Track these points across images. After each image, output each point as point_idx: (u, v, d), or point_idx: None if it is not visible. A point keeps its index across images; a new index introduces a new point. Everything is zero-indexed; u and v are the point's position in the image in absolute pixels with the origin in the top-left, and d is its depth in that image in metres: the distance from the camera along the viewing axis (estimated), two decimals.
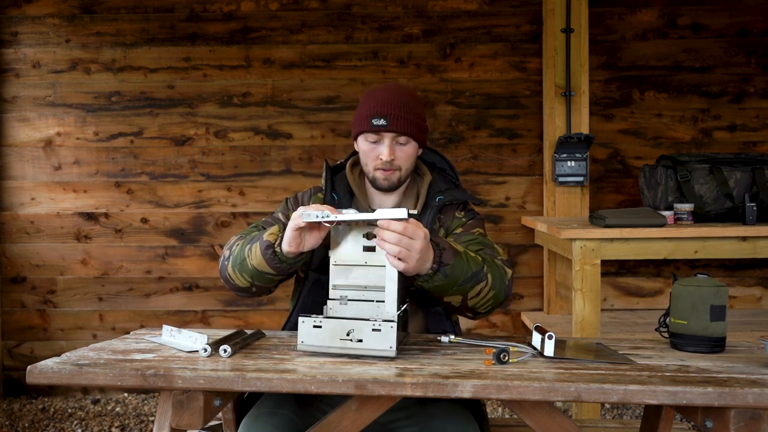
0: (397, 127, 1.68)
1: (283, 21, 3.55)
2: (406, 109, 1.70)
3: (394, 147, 1.71)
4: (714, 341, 1.50)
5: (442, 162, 1.89)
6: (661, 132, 3.53)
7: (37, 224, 3.59)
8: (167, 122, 3.57)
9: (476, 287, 1.56)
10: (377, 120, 1.68)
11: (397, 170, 1.72)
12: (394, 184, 1.74)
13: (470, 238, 1.72)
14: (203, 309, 3.59)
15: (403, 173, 1.74)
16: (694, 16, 3.52)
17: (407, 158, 1.73)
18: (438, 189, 1.80)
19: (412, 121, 1.69)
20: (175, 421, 1.32)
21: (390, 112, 1.68)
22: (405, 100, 1.71)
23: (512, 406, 1.37)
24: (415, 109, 1.72)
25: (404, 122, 1.68)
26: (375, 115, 1.68)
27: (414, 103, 1.73)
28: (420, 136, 1.73)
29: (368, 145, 1.73)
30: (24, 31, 3.58)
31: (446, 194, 1.79)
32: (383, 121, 1.68)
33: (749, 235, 2.72)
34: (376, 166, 1.72)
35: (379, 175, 1.72)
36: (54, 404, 3.46)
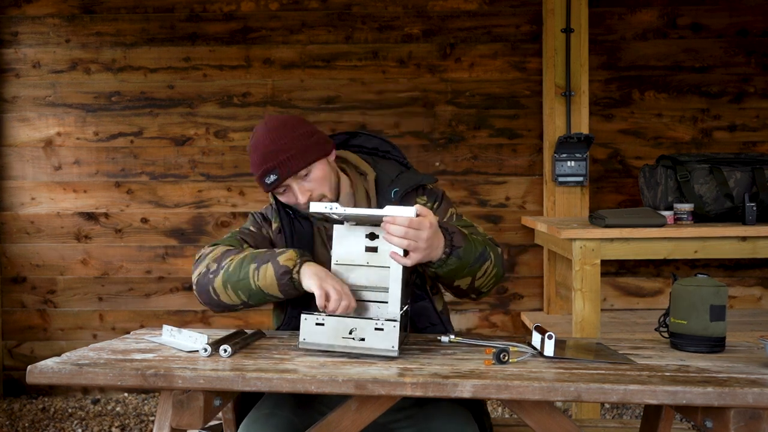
0: (287, 172, 1.61)
1: (283, 21, 3.55)
2: (282, 148, 1.61)
3: (302, 184, 1.63)
4: (714, 341, 1.50)
5: (384, 144, 1.81)
6: (661, 132, 3.53)
7: (37, 224, 3.59)
8: (167, 122, 3.57)
9: (483, 266, 1.56)
10: (270, 177, 1.62)
11: (322, 198, 1.65)
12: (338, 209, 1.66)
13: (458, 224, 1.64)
14: (203, 309, 3.59)
15: (330, 193, 1.66)
16: (694, 16, 3.52)
17: (321, 181, 1.64)
18: (389, 179, 1.72)
19: (296, 154, 1.61)
20: (175, 420, 1.32)
21: (271, 163, 1.61)
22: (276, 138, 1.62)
23: (512, 406, 1.37)
24: (292, 137, 1.63)
25: (290, 163, 1.61)
26: (265, 174, 1.62)
27: (286, 131, 1.63)
28: (315, 155, 1.63)
29: (283, 197, 1.68)
30: (24, 31, 3.58)
31: (399, 183, 1.71)
32: (274, 176, 1.62)
33: (749, 235, 2.72)
34: (304, 209, 1.65)
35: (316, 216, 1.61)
36: (54, 404, 3.46)
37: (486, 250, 1.57)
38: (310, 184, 1.64)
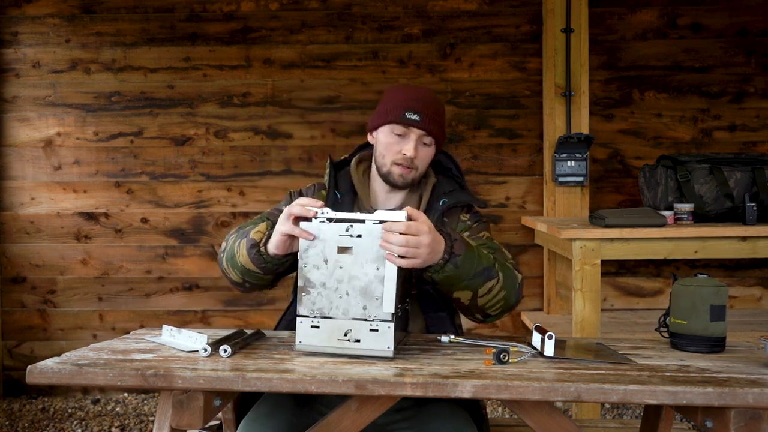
0: (428, 126, 1.66)
1: (283, 21, 3.55)
2: (437, 112, 1.69)
3: (419, 145, 1.68)
4: (714, 341, 1.50)
5: (448, 161, 1.85)
6: (661, 132, 3.53)
7: (37, 224, 3.59)
8: (167, 122, 3.57)
9: (487, 284, 1.53)
10: (411, 114, 1.65)
11: (414, 169, 1.69)
12: (408, 182, 1.71)
13: (479, 243, 1.66)
14: (203, 309, 3.59)
15: (419, 174, 1.72)
16: (694, 16, 3.52)
17: (425, 159, 1.71)
18: (442, 191, 1.77)
19: (440, 125, 1.69)
20: (175, 421, 1.32)
21: (424, 110, 1.66)
22: (436, 103, 1.71)
23: (512, 406, 1.37)
24: (443, 115, 1.73)
25: (435, 123, 1.67)
26: (409, 109, 1.66)
27: (442, 108, 1.74)
28: (441, 142, 1.73)
29: (392, 137, 1.69)
30: (24, 31, 3.58)
31: (451, 196, 1.75)
32: (416, 117, 1.65)
33: (749, 235, 2.72)
34: (396, 161, 1.69)
35: (396, 170, 1.69)
36: (54, 404, 3.46)
37: (494, 269, 1.54)
38: (423, 152, 1.69)
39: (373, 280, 1.40)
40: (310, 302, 1.42)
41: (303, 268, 1.42)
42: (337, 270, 1.41)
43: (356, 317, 1.41)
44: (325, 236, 1.42)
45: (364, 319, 1.40)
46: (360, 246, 1.40)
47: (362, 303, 1.40)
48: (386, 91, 1.78)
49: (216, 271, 3.56)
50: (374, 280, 1.40)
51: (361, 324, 1.39)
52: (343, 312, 1.41)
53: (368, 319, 1.40)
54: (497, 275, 1.54)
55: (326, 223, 1.43)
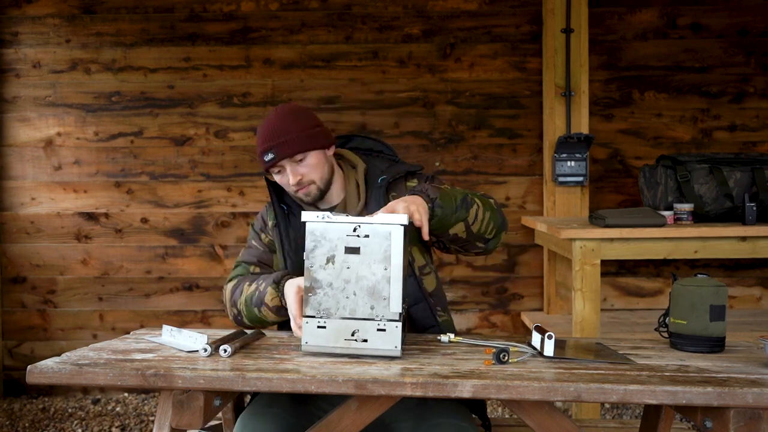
0: (282, 153, 1.73)
1: (283, 21, 3.55)
2: (283, 132, 1.74)
3: (295, 168, 1.75)
4: (714, 341, 1.50)
5: (378, 145, 1.94)
6: (661, 132, 3.53)
7: (37, 224, 3.59)
8: (167, 122, 3.57)
9: (470, 211, 1.65)
10: (266, 156, 1.75)
11: (310, 184, 1.77)
12: (316, 195, 1.79)
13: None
14: (203, 309, 3.59)
15: (320, 181, 1.78)
16: (694, 16, 3.52)
17: (313, 168, 1.76)
18: (378, 171, 1.84)
19: (294, 139, 1.73)
20: (175, 420, 1.32)
21: (271, 144, 1.74)
22: (280, 122, 1.75)
23: (512, 406, 1.37)
24: (294, 124, 1.76)
25: (286, 145, 1.73)
26: (263, 153, 1.75)
27: (292, 119, 1.77)
28: (313, 145, 1.76)
29: (277, 177, 1.80)
30: (24, 31, 3.58)
31: (387, 172, 1.83)
32: (271, 155, 1.74)
33: (749, 235, 2.72)
34: (293, 191, 1.78)
35: (300, 195, 1.79)
36: (54, 404, 3.47)
37: (468, 197, 1.66)
38: (304, 169, 1.76)
39: (380, 279, 1.40)
40: (316, 302, 1.42)
41: (310, 268, 1.42)
42: (344, 270, 1.41)
43: (363, 317, 1.40)
44: (332, 236, 1.42)
45: (371, 319, 1.40)
46: (368, 246, 1.41)
47: (370, 303, 1.40)
48: None
49: (216, 272, 3.57)
50: (381, 280, 1.40)
51: (369, 324, 1.39)
52: (350, 312, 1.41)
53: (375, 319, 1.40)
54: (474, 201, 1.67)
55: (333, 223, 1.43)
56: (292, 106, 1.82)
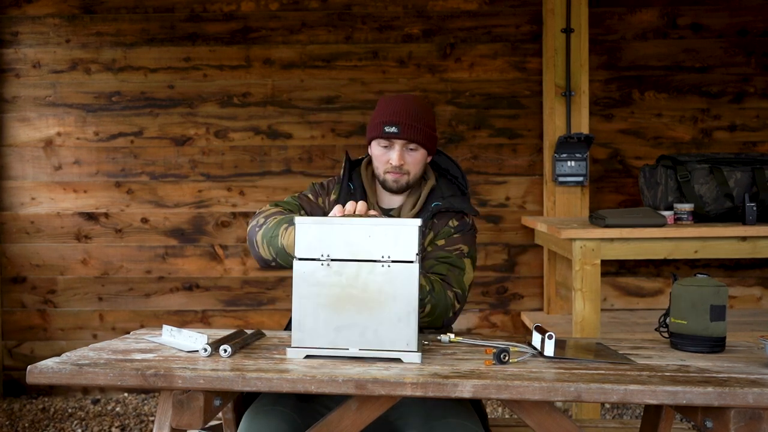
0: (407, 135, 1.79)
1: (283, 21, 3.55)
2: (417, 119, 1.80)
3: (404, 153, 1.82)
4: (714, 341, 1.50)
5: (456, 170, 1.96)
6: (661, 132, 3.53)
7: (37, 224, 3.59)
8: (167, 122, 3.57)
9: None
10: (389, 128, 1.79)
11: (405, 174, 1.83)
12: (403, 186, 1.85)
13: (444, 256, 1.78)
14: (203, 309, 3.59)
15: (412, 177, 1.84)
16: (694, 16, 3.52)
17: (416, 164, 1.83)
18: (440, 195, 1.89)
19: (421, 130, 1.80)
20: (175, 420, 1.32)
21: (401, 120, 1.79)
22: (417, 109, 1.82)
23: (512, 406, 1.37)
24: (426, 119, 1.83)
25: (414, 131, 1.79)
26: (387, 123, 1.80)
27: (425, 113, 1.84)
28: (428, 144, 1.83)
29: (380, 149, 1.84)
30: (24, 31, 3.58)
31: (445, 201, 1.87)
32: (395, 129, 1.79)
33: (749, 235, 2.72)
34: (387, 170, 1.84)
35: (389, 178, 1.84)
36: (54, 404, 3.46)
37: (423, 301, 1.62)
38: (410, 157, 1.83)
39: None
40: None
41: None
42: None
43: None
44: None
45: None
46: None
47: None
48: (377, 104, 1.90)
49: (216, 272, 3.56)
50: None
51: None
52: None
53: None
54: (423, 308, 1.63)
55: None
56: (425, 101, 1.92)
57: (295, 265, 1.41)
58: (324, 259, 1.40)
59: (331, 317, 1.39)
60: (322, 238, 1.41)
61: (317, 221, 1.44)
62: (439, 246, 1.81)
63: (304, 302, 1.40)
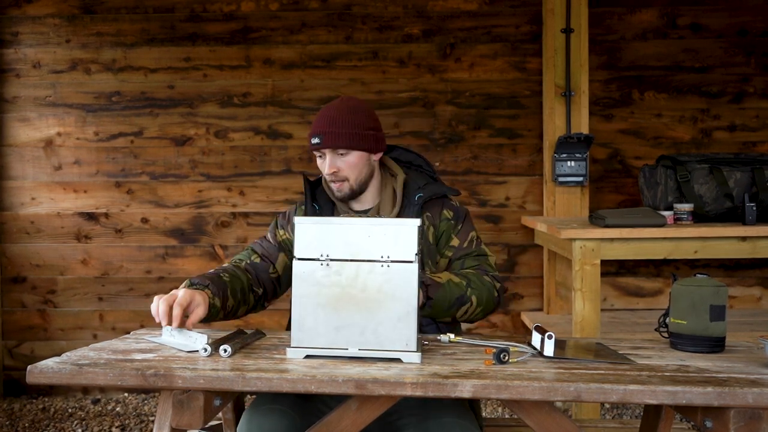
0: (330, 142, 1.78)
1: (283, 21, 3.55)
2: (339, 124, 1.78)
3: (335, 160, 1.80)
4: (714, 341, 1.50)
5: (418, 159, 1.96)
6: (661, 132, 3.53)
7: (37, 224, 3.59)
8: (167, 122, 3.57)
9: (461, 309, 1.70)
10: (314, 139, 1.81)
11: (344, 180, 1.81)
12: (347, 193, 1.83)
13: (466, 253, 1.82)
14: None
15: (353, 182, 1.82)
16: (694, 16, 3.52)
17: (351, 167, 1.80)
18: (416, 186, 1.87)
19: (345, 134, 1.78)
20: (175, 420, 1.32)
21: (323, 129, 1.79)
22: (339, 114, 1.80)
23: (512, 406, 1.37)
24: (351, 121, 1.79)
25: (336, 137, 1.77)
26: (313, 135, 1.81)
27: (350, 114, 1.80)
28: (361, 145, 1.79)
29: (318, 160, 1.85)
30: (24, 31, 3.58)
31: (425, 190, 1.86)
32: (317, 140, 1.80)
33: (749, 235, 2.72)
34: (328, 179, 1.84)
35: (333, 186, 1.84)
36: (54, 404, 3.47)
37: (466, 296, 1.69)
38: (342, 164, 1.80)
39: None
40: None
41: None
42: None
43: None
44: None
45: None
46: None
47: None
48: None
49: None
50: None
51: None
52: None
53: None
54: (469, 300, 1.70)
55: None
56: (356, 102, 1.85)
57: (294, 264, 1.41)
58: (323, 259, 1.40)
59: (331, 317, 1.39)
60: (321, 237, 1.41)
61: (316, 221, 1.44)
62: (457, 246, 1.83)
63: (303, 302, 1.40)
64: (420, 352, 1.39)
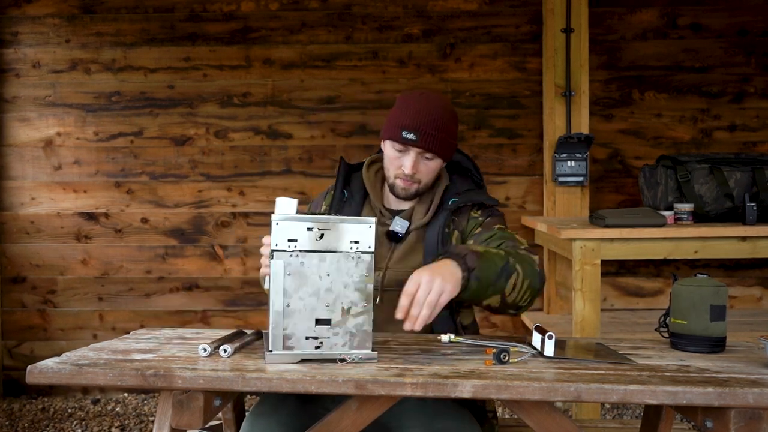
0: (425, 144, 1.68)
1: (283, 21, 3.55)
2: (438, 127, 1.68)
3: (419, 161, 1.71)
4: (714, 341, 1.50)
5: (467, 162, 1.87)
6: (661, 132, 3.53)
7: (37, 224, 3.59)
8: (167, 122, 3.57)
9: (509, 281, 1.50)
10: (407, 133, 1.68)
11: (417, 183, 1.73)
12: (411, 195, 1.75)
13: (490, 234, 1.68)
14: (203, 309, 3.59)
15: (422, 186, 1.75)
16: (694, 16, 3.52)
17: (429, 173, 1.73)
18: (455, 191, 1.79)
19: (441, 140, 1.69)
20: (175, 421, 1.32)
21: (421, 128, 1.67)
22: (438, 116, 1.69)
23: (512, 406, 1.37)
24: (448, 127, 1.70)
25: (432, 140, 1.67)
26: (406, 128, 1.68)
27: (447, 119, 1.71)
28: (447, 154, 1.73)
29: (393, 152, 1.73)
30: (24, 31, 3.58)
31: (462, 196, 1.77)
32: (413, 136, 1.67)
33: (749, 235, 2.72)
34: (397, 175, 1.73)
35: (399, 183, 1.74)
36: (54, 404, 3.46)
37: (509, 264, 1.50)
38: (425, 166, 1.72)
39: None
40: None
41: None
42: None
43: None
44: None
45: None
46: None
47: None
48: (397, 99, 1.79)
49: (216, 272, 3.57)
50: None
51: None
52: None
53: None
54: (515, 269, 1.51)
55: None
56: (451, 106, 1.76)
57: None
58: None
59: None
60: None
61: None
62: (478, 233, 1.71)
63: None
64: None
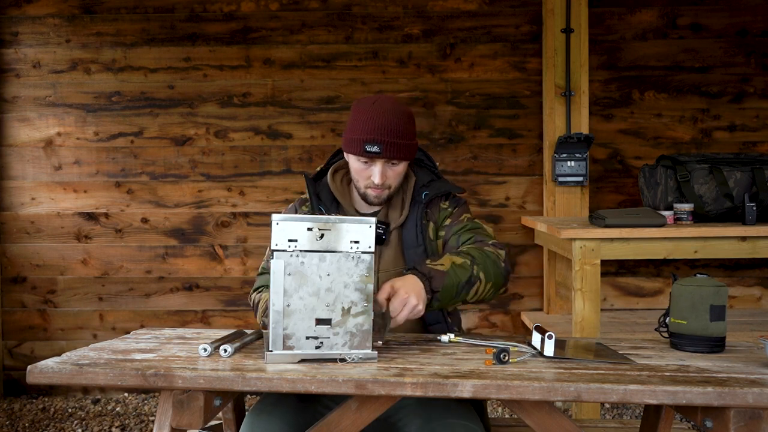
0: (390, 154, 1.69)
1: (283, 21, 3.55)
2: (399, 134, 1.69)
3: (386, 170, 1.73)
4: (714, 341, 1.50)
5: (420, 153, 1.91)
6: (661, 132, 3.53)
7: (37, 224, 3.59)
8: (167, 122, 3.57)
9: (471, 290, 1.62)
10: (371, 146, 1.68)
11: (387, 189, 1.76)
12: (384, 200, 1.79)
13: (460, 227, 1.77)
14: (203, 309, 3.59)
15: (393, 189, 1.78)
16: (694, 16, 3.52)
17: (397, 177, 1.76)
18: (421, 183, 1.83)
19: (404, 146, 1.70)
20: (176, 420, 1.32)
21: (384, 139, 1.68)
22: (397, 122, 1.69)
23: (512, 406, 1.37)
24: (408, 131, 1.72)
25: (397, 148, 1.69)
26: (368, 142, 1.68)
27: (405, 123, 1.72)
28: (411, 155, 1.75)
29: (359, 164, 1.74)
30: (24, 31, 3.58)
31: (430, 188, 1.82)
32: (376, 149, 1.68)
33: (749, 235, 2.72)
34: (368, 185, 1.75)
35: (371, 193, 1.76)
36: (54, 404, 3.47)
37: (473, 275, 1.60)
38: (392, 172, 1.74)
39: None
40: None
41: None
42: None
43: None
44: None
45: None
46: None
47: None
48: (352, 109, 1.78)
49: (216, 272, 3.57)
50: None
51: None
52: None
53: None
54: (478, 277, 1.61)
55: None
56: (405, 107, 1.76)
57: None
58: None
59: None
60: None
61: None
62: (449, 225, 1.78)
63: None
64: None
